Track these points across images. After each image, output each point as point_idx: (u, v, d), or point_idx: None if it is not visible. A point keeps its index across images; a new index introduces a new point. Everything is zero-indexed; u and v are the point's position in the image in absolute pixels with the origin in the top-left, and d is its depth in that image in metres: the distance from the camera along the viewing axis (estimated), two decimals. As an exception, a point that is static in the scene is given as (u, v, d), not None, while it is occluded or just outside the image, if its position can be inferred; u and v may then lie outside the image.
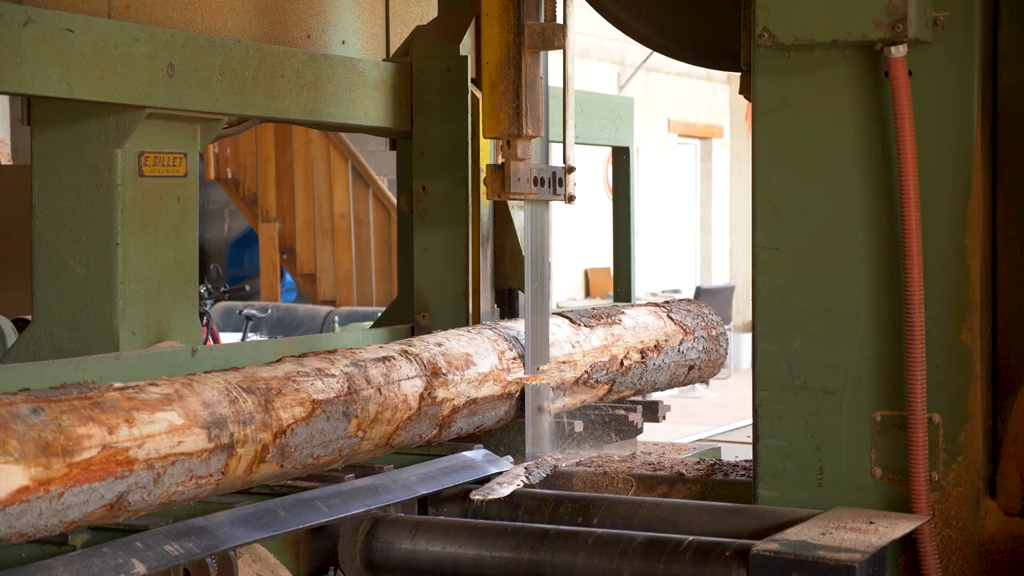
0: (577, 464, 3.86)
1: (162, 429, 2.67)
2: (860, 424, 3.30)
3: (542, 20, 3.75)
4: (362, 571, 3.31)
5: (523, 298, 3.98)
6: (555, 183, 3.88)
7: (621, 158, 5.61)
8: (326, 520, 3.21)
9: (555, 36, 3.73)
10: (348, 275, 13.69)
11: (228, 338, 12.36)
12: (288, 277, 15.62)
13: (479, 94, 4.27)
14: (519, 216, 4.51)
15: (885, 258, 3.27)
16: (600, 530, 3.21)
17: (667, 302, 4.67)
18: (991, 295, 3.34)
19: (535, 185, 3.81)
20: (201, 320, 12.34)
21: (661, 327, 4.42)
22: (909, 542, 3.21)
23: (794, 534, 3.01)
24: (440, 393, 3.48)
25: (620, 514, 3.44)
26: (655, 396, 4.63)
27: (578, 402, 4.07)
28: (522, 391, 3.83)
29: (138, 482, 2.60)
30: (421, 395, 3.41)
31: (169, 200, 4.09)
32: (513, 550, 3.18)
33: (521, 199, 3.84)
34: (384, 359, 3.37)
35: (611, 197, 5.70)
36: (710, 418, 13.37)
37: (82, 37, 3.60)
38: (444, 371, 3.52)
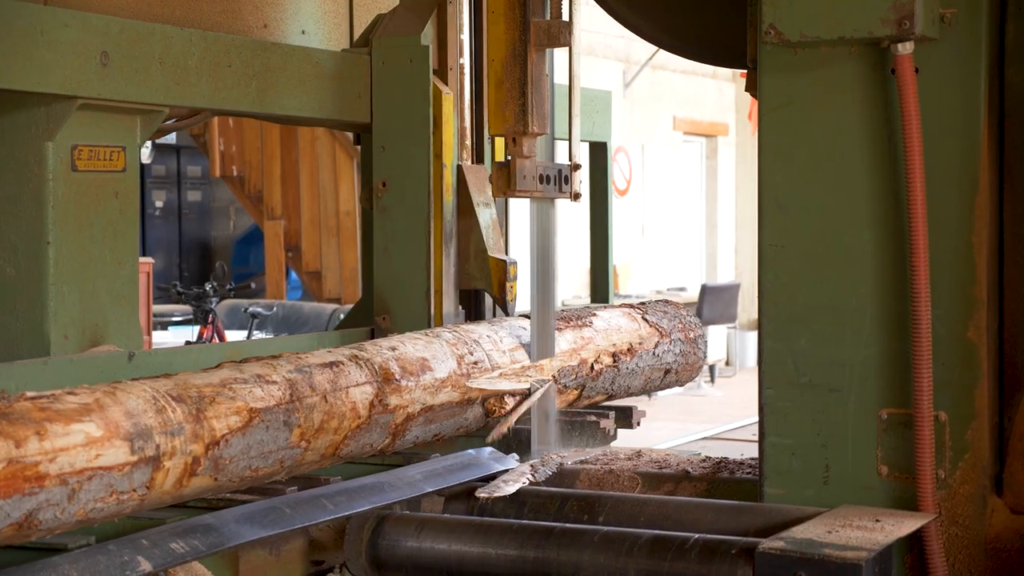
0: (582, 462, 3.86)
1: (78, 442, 2.51)
2: (866, 422, 3.30)
3: (548, 17, 3.75)
4: (367, 569, 3.31)
5: (529, 296, 3.97)
6: (561, 180, 3.88)
7: (598, 154, 5.46)
8: (332, 517, 3.21)
9: (561, 33, 3.73)
10: (353, 273, 13.69)
11: (234, 336, 12.38)
12: (293, 275, 15.63)
13: (441, 86, 4.28)
14: (485, 214, 4.40)
15: (891, 255, 3.26)
16: (606, 528, 3.20)
17: (643, 303, 4.54)
18: (998, 292, 3.33)
19: (541, 183, 3.82)
20: (206, 318, 12.41)
21: (635, 329, 4.29)
22: (915, 540, 3.20)
23: (800, 532, 3.01)
24: (392, 400, 3.34)
25: (625, 512, 3.43)
26: (637, 399, 4.49)
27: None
28: (490, 396, 3.70)
29: (50, 499, 2.45)
30: (371, 402, 3.27)
31: (106, 196, 3.89)
32: (519, 548, 3.17)
33: (527, 197, 3.83)
34: (332, 364, 3.22)
35: (618, 195, 5.66)
36: (715, 416, 13.38)
37: (9, 24, 3.46)
38: (397, 377, 3.37)
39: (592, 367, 4.06)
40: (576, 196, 3.93)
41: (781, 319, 3.36)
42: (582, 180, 3.97)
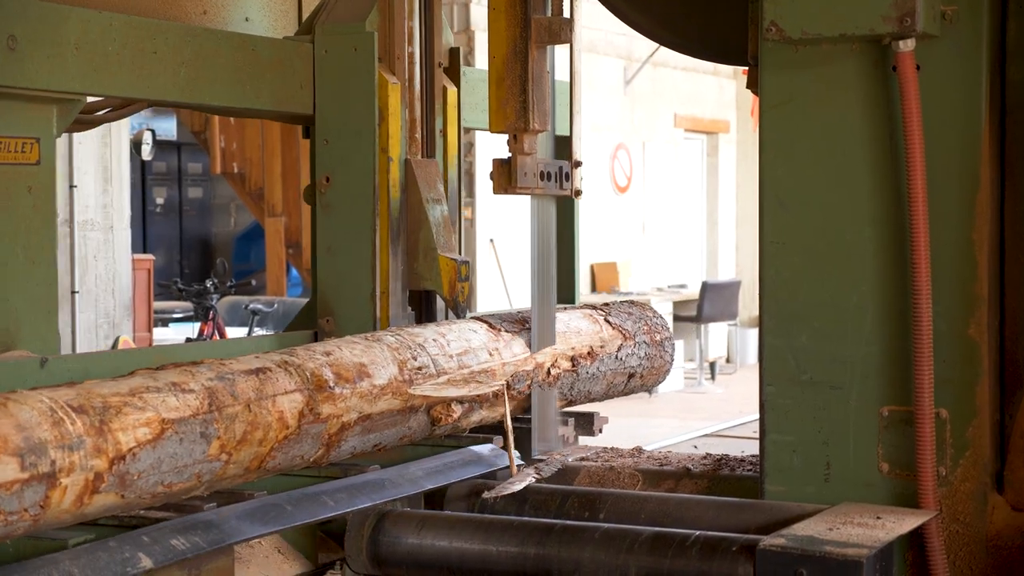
0: (584, 459, 3.86)
1: None
2: (867, 419, 3.30)
3: (549, 14, 3.75)
4: (368, 565, 3.31)
5: (529, 291, 3.97)
6: (561, 178, 3.88)
7: (563, 147, 5.10)
8: (333, 514, 3.21)
9: (562, 30, 3.73)
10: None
11: (234, 333, 12.39)
12: (294, 271, 15.63)
13: (388, 76, 4.07)
14: (435, 211, 4.17)
15: (892, 252, 3.26)
16: (607, 525, 3.21)
17: (606, 304, 4.33)
18: (999, 290, 3.33)
19: (541, 180, 3.81)
20: (207, 315, 12.42)
21: (596, 332, 4.11)
22: (916, 537, 3.20)
23: (801, 529, 3.01)
24: (325, 409, 3.13)
25: (626, 509, 3.43)
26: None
27: (498, 415, 3.76)
28: (436, 403, 3.51)
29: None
30: (301, 412, 3.05)
31: (18, 191, 3.65)
32: (520, 544, 3.17)
33: (528, 193, 3.83)
34: (258, 371, 3.01)
35: (619, 192, 5.51)
36: (716, 413, 13.38)
37: None
38: (331, 384, 3.16)
39: (548, 372, 3.87)
40: (577, 193, 3.92)
41: (782, 316, 3.36)
42: (583, 177, 3.95)
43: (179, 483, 2.77)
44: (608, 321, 4.18)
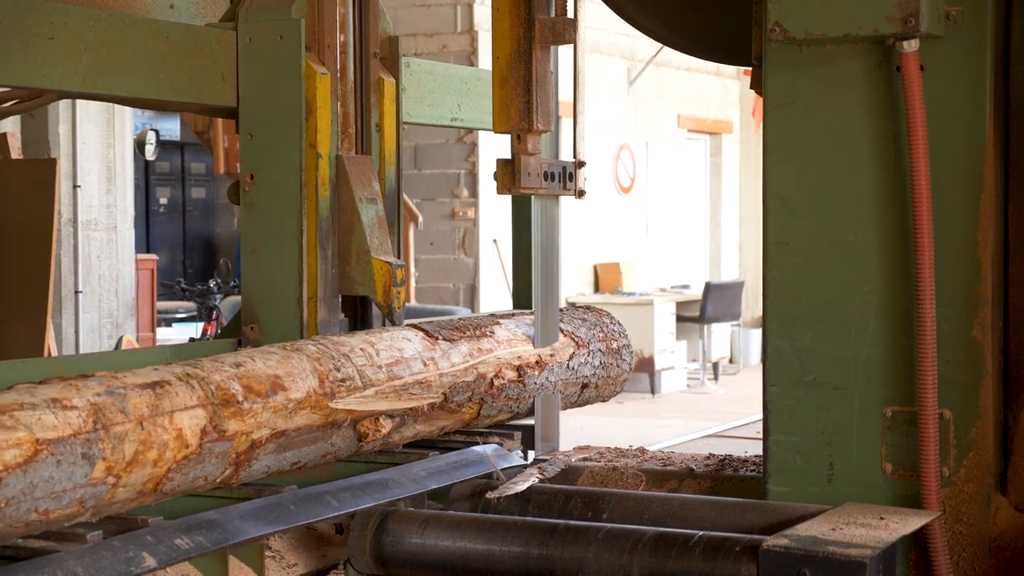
0: (587, 459, 3.86)
1: None
2: (870, 420, 3.30)
3: (553, 15, 3.75)
4: (372, 565, 3.31)
5: (533, 290, 3.96)
6: (565, 178, 3.88)
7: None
8: (336, 514, 3.21)
9: (566, 31, 3.73)
10: (357, 270, 13.67)
11: (237, 332, 12.37)
12: (297, 272, 15.60)
13: (317, 66, 3.82)
14: (369, 211, 3.90)
15: (896, 253, 3.26)
16: (610, 525, 3.21)
17: (560, 310, 4.05)
18: (1002, 291, 3.33)
19: (545, 180, 3.82)
20: (210, 315, 12.40)
21: None
22: (919, 538, 3.20)
23: (804, 530, 3.01)
24: (231, 426, 2.89)
25: (630, 509, 3.43)
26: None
27: (435, 429, 3.59)
28: (363, 418, 3.30)
29: None
30: (203, 429, 2.82)
31: None
32: (523, 545, 3.18)
33: (531, 193, 3.83)
34: (155, 385, 2.76)
35: (622, 193, 5.41)
36: (719, 413, 13.38)
37: None
38: (239, 398, 2.92)
39: (492, 382, 3.67)
40: (581, 193, 3.92)
41: (786, 317, 3.36)
42: (586, 177, 3.95)
43: (58, 510, 2.52)
44: (560, 328, 3.99)
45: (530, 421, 3.98)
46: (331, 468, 3.44)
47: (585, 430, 6.50)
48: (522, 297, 4.74)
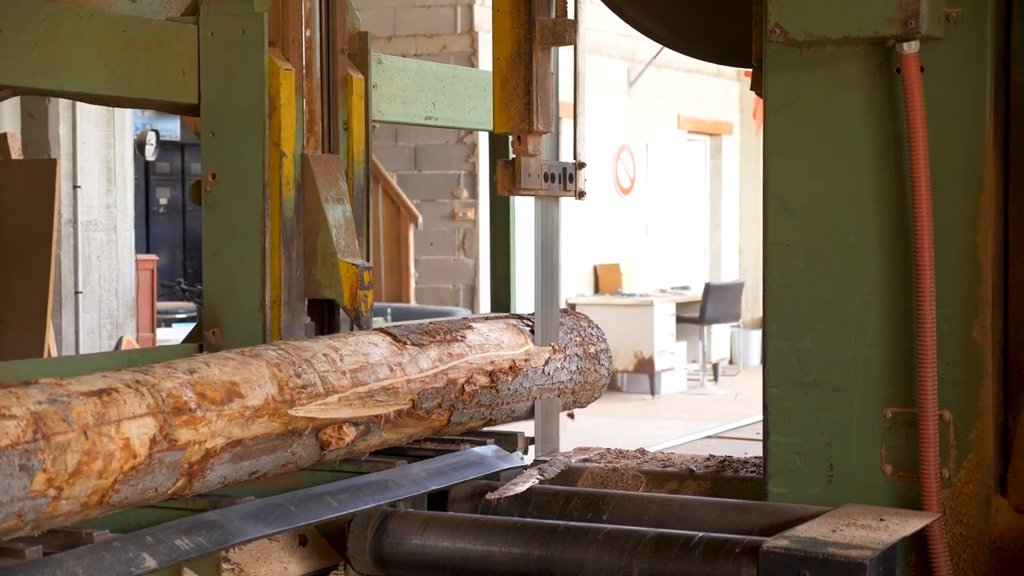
0: (587, 460, 3.86)
1: None
2: (870, 421, 3.30)
3: (553, 16, 3.75)
4: (372, 566, 3.31)
5: (533, 290, 3.97)
6: (565, 179, 3.89)
7: (497, 146, 4.67)
8: (336, 515, 3.21)
9: (566, 32, 3.73)
10: (357, 271, 13.67)
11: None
12: (297, 272, 15.59)
13: (281, 61, 3.72)
14: (336, 211, 3.78)
15: (896, 254, 3.26)
16: (610, 526, 3.21)
17: (533, 314, 3.96)
18: (1002, 292, 3.33)
19: (545, 181, 3.82)
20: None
21: (520, 344, 3.80)
22: (919, 539, 3.20)
23: (804, 531, 3.01)
24: (183, 435, 2.77)
25: (630, 510, 3.43)
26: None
27: (403, 437, 3.48)
28: (325, 425, 3.17)
29: None
30: (153, 438, 2.70)
31: None
32: (523, 546, 3.18)
33: (532, 195, 3.83)
34: (101, 393, 2.64)
35: (622, 194, 5.37)
36: (719, 414, 13.38)
37: None
38: (192, 406, 2.80)
39: (463, 389, 3.56)
40: (581, 194, 3.93)
41: (786, 318, 3.36)
42: (587, 178, 3.95)
43: None
44: (534, 332, 3.89)
45: (504, 428, 3.89)
46: (295, 478, 3.32)
47: (584, 431, 6.51)
48: (500, 298, 4.66)
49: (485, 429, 3.83)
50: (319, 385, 3.14)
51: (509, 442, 3.84)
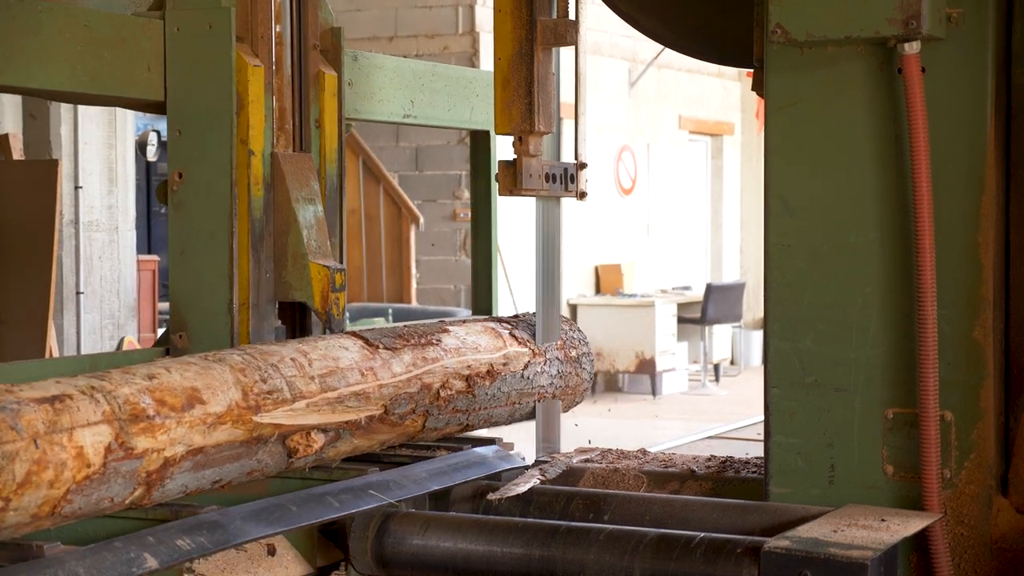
0: (588, 461, 3.86)
1: None
2: (872, 421, 3.30)
3: (554, 16, 3.75)
4: (373, 567, 3.31)
5: (534, 290, 3.97)
6: (567, 179, 3.89)
7: (480, 145, 4.58)
8: (338, 515, 3.21)
9: (567, 32, 3.73)
10: (358, 271, 13.70)
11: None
12: (298, 273, 15.59)
13: (249, 58, 3.62)
14: (307, 211, 3.69)
15: (897, 255, 3.26)
16: (611, 526, 3.21)
17: (514, 316, 3.90)
18: (1004, 293, 3.33)
19: (547, 181, 3.82)
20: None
21: (498, 348, 3.69)
22: (921, 540, 3.20)
23: (806, 531, 3.01)
24: (140, 443, 2.67)
25: (631, 511, 3.44)
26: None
27: (376, 443, 3.37)
28: (292, 432, 3.07)
29: None
30: (108, 446, 2.60)
31: None
32: (524, 546, 3.18)
33: (533, 195, 3.84)
34: (54, 399, 2.54)
35: (624, 194, 5.38)
36: (720, 415, 13.38)
37: None
38: (150, 413, 2.70)
39: (438, 393, 3.46)
40: (582, 195, 3.93)
41: (787, 319, 3.36)
42: (588, 179, 3.95)
43: None
44: (514, 335, 3.78)
45: (483, 433, 3.83)
46: (264, 485, 3.22)
47: (585, 432, 6.50)
48: (480, 301, 4.59)
49: (462, 435, 3.75)
50: (286, 390, 3.05)
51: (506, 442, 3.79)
